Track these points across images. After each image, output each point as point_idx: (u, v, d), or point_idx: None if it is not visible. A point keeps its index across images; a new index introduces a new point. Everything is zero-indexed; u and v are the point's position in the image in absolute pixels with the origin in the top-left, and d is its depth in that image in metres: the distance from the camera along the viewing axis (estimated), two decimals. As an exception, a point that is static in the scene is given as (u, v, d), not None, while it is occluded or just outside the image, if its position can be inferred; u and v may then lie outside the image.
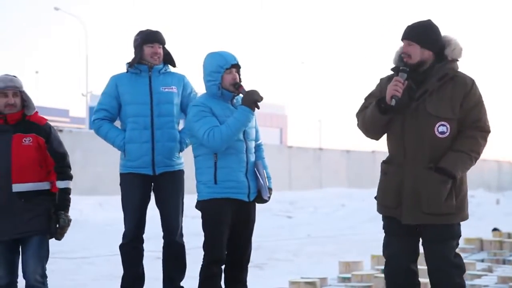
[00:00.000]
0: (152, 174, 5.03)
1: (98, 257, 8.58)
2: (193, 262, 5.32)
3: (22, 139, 4.39)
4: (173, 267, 5.10)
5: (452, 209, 4.00)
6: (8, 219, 4.33)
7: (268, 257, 8.76)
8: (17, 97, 4.40)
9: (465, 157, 3.99)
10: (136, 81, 5.08)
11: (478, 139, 4.02)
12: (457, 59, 4.08)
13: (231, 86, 4.58)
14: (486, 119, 4.07)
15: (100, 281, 7.04)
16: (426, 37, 4.03)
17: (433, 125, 3.98)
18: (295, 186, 23.98)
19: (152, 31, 5.12)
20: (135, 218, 5.07)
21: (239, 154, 4.58)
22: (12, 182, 4.33)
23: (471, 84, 4.03)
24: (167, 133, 5.04)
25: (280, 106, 48.75)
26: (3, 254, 4.38)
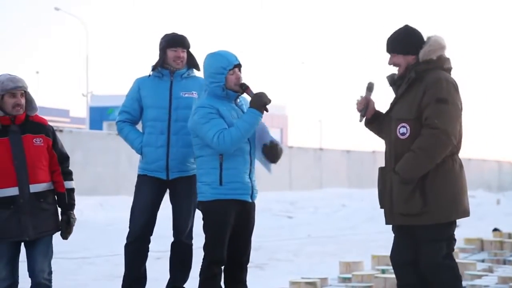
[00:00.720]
0: (166, 178, 5.05)
1: (98, 257, 8.58)
2: (193, 263, 5.32)
3: (33, 140, 4.39)
4: (177, 267, 5.13)
5: (417, 209, 4.01)
6: (29, 219, 4.34)
7: (268, 257, 8.76)
8: (23, 97, 4.39)
9: (411, 156, 4.02)
10: (158, 85, 5.09)
11: (426, 136, 3.99)
12: (429, 59, 4.08)
13: (236, 86, 4.57)
14: (436, 116, 3.99)
15: (101, 281, 7.04)
16: (404, 44, 4.13)
17: (396, 128, 4.11)
18: (296, 186, 23.98)
19: (177, 35, 5.12)
20: (141, 219, 5.09)
21: (245, 155, 4.58)
22: (30, 182, 4.34)
23: (431, 83, 4.02)
24: (182, 139, 5.03)
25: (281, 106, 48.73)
26: (7, 255, 4.38)
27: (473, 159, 37.65)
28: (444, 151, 4.01)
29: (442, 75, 4.07)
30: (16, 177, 4.32)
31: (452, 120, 4.02)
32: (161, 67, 5.09)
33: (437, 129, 3.97)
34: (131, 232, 5.10)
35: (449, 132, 3.99)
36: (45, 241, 4.42)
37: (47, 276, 4.42)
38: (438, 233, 4.07)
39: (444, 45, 4.13)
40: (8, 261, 4.39)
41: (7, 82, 4.32)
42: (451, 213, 4.07)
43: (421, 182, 4.03)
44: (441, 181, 4.04)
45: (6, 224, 4.33)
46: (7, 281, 4.39)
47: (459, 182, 4.10)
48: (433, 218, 4.03)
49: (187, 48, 5.13)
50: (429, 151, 3.98)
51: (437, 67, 4.10)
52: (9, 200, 4.33)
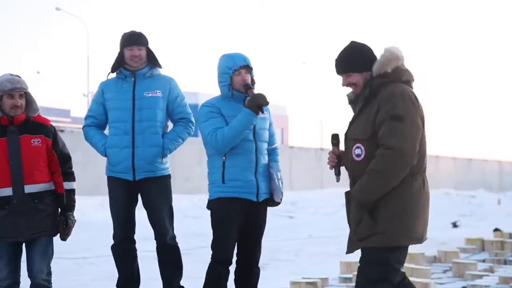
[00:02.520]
0: (133, 179, 5.02)
1: (99, 257, 8.58)
2: (194, 262, 5.33)
3: (30, 140, 4.38)
4: (168, 269, 5.11)
5: (365, 231, 3.70)
6: (23, 220, 4.34)
7: (269, 258, 8.75)
8: (22, 98, 4.38)
9: (365, 179, 3.68)
10: (121, 87, 5.06)
11: (380, 157, 3.63)
12: (383, 72, 3.72)
13: (241, 87, 4.59)
14: (390, 135, 3.61)
15: (102, 281, 7.04)
16: (358, 60, 3.80)
17: (351, 149, 3.79)
18: (297, 186, 23.97)
19: (131, 33, 5.05)
20: (121, 220, 5.09)
21: (248, 154, 4.58)
22: (24, 183, 4.33)
23: (385, 99, 3.66)
24: (148, 139, 4.99)
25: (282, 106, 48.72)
26: (7, 254, 4.39)
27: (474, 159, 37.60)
28: (400, 172, 3.61)
29: (397, 89, 3.68)
30: (10, 177, 4.31)
31: (408, 138, 3.61)
32: (123, 68, 5.06)
33: (391, 149, 3.59)
34: (114, 234, 5.13)
35: (405, 151, 3.59)
36: (44, 241, 4.41)
37: (45, 276, 4.42)
38: (375, 255, 3.69)
39: (399, 55, 3.75)
40: (8, 261, 4.39)
41: (5, 83, 4.32)
42: (399, 237, 3.66)
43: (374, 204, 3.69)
44: (394, 203, 3.66)
45: (2, 224, 4.33)
46: (7, 280, 4.39)
47: (415, 204, 3.69)
48: (379, 241, 3.66)
49: (144, 45, 5.05)
50: (383, 173, 3.60)
51: (393, 80, 3.72)
52: (4, 200, 4.33)
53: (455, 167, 35.19)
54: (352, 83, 3.83)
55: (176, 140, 5.08)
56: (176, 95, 5.11)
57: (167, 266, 5.09)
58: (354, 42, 3.88)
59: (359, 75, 3.79)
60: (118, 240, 5.10)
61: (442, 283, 6.24)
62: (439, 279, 6.49)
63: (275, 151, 4.81)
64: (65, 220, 4.48)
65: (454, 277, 6.59)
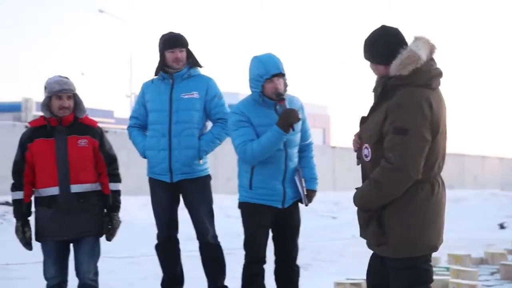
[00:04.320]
0: (170, 181, 5.03)
1: (143, 256, 8.66)
2: (236, 262, 5.32)
3: (77, 141, 4.45)
4: (211, 268, 5.15)
5: (375, 239, 3.57)
6: (68, 219, 4.41)
7: (312, 258, 8.73)
8: (70, 99, 4.45)
9: (366, 186, 3.54)
10: (160, 88, 5.11)
11: (381, 169, 3.47)
12: (399, 74, 3.47)
13: (273, 94, 4.55)
14: (392, 149, 3.42)
15: (146, 280, 7.10)
16: (384, 54, 3.53)
17: (362, 148, 3.64)
18: (339, 186, 23.83)
19: (172, 36, 5.07)
20: (163, 220, 5.13)
21: (278, 163, 4.57)
22: (70, 182, 4.39)
23: (392, 108, 3.44)
24: (184, 141, 5.02)
25: (323, 106, 48.54)
26: (55, 254, 4.46)
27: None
28: (399, 187, 3.45)
29: (406, 97, 3.43)
30: (57, 177, 4.38)
31: (410, 153, 3.41)
32: (162, 70, 5.07)
33: (391, 164, 3.42)
34: (158, 233, 5.17)
35: (405, 167, 3.40)
36: (91, 241, 4.47)
37: (92, 276, 4.48)
38: (401, 264, 3.56)
39: (420, 56, 3.45)
40: (56, 260, 4.46)
41: (54, 84, 4.40)
42: (411, 248, 3.52)
43: (380, 212, 3.54)
44: (401, 212, 3.49)
45: (49, 223, 4.42)
46: (56, 279, 4.46)
47: (424, 213, 3.51)
48: (391, 252, 3.55)
49: (185, 47, 5.08)
50: (382, 187, 3.46)
51: (409, 83, 3.46)
52: (50, 199, 4.41)
53: (501, 167, 34.58)
54: (378, 73, 3.61)
55: (212, 141, 5.09)
56: (214, 95, 5.11)
57: (210, 265, 5.12)
58: (385, 27, 3.59)
59: (384, 68, 3.55)
60: (162, 240, 5.15)
61: (490, 286, 6.15)
62: (486, 281, 6.39)
63: (309, 147, 4.77)
64: (111, 221, 4.53)
65: (502, 280, 6.47)
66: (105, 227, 4.54)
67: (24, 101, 37.06)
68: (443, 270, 6.52)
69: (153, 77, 5.19)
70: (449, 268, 6.48)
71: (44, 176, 4.41)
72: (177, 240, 5.21)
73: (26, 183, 4.45)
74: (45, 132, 4.43)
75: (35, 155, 4.42)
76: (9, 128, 14.62)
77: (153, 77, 5.19)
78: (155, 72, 5.15)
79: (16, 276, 7.35)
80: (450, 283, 5.85)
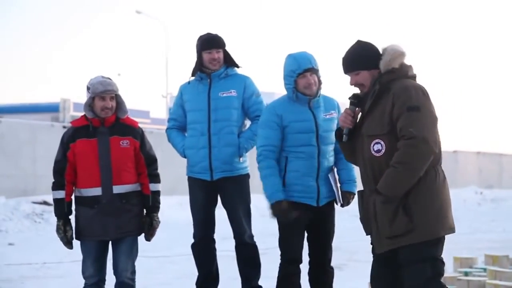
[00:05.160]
0: (210, 179, 5.07)
1: (179, 256, 8.72)
2: (271, 262, 5.34)
3: (119, 142, 4.48)
4: (246, 267, 5.16)
5: (402, 228, 3.65)
6: (110, 219, 4.44)
7: (347, 258, 8.70)
8: (113, 100, 4.49)
9: (392, 172, 3.64)
10: (198, 89, 5.15)
11: (402, 148, 3.63)
12: (391, 68, 3.77)
13: (306, 89, 4.57)
14: (411, 125, 3.62)
15: (182, 279, 7.15)
16: (367, 58, 3.82)
17: (369, 145, 3.77)
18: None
19: (210, 36, 5.11)
20: (200, 219, 5.15)
21: (310, 159, 4.57)
22: (113, 183, 4.43)
23: (398, 93, 3.69)
24: (224, 139, 5.04)
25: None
26: (94, 253, 4.51)
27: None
28: (426, 160, 3.64)
29: (408, 83, 3.74)
30: (100, 178, 4.42)
31: (428, 127, 3.65)
32: (199, 70, 5.11)
33: (413, 138, 3.61)
34: (194, 232, 5.21)
35: (428, 138, 3.62)
36: (129, 241, 4.51)
37: (130, 275, 4.52)
38: (421, 252, 3.67)
39: (403, 52, 3.80)
40: (95, 259, 4.50)
41: (97, 85, 4.43)
42: (438, 229, 3.68)
43: (404, 198, 3.67)
44: (424, 195, 3.67)
45: (91, 223, 4.45)
46: (94, 278, 4.51)
47: (443, 195, 3.72)
48: (420, 236, 3.65)
49: (222, 47, 5.11)
50: (410, 163, 3.61)
51: (401, 76, 3.78)
52: (93, 199, 4.44)
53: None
54: (360, 83, 3.84)
55: (252, 138, 5.11)
56: (251, 93, 5.14)
57: (245, 265, 5.14)
58: (361, 41, 3.89)
59: (368, 73, 3.82)
60: (198, 239, 5.18)
61: (527, 287, 6.04)
62: (524, 282, 6.28)
63: None
64: (150, 221, 4.57)
65: (540, 281, 6.36)
66: (145, 228, 4.57)
67: (62, 101, 37.54)
68: (480, 271, 6.44)
69: (190, 79, 5.23)
70: (486, 269, 6.41)
71: (86, 176, 4.44)
72: (213, 240, 5.24)
73: (68, 182, 4.49)
74: (87, 133, 4.46)
75: (77, 155, 4.45)
76: (47, 129, 14.85)
77: (190, 78, 5.23)
78: (192, 73, 5.19)
79: (53, 275, 7.46)
80: (487, 284, 5.78)
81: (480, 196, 22.62)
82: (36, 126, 14.71)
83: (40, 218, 12.10)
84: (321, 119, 4.62)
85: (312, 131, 4.58)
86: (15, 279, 7.14)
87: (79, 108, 38.47)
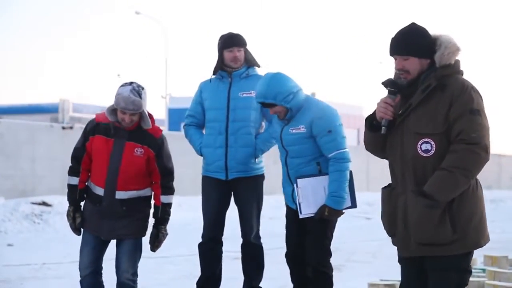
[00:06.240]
0: (225, 179, 5.08)
1: (178, 256, 8.71)
2: (272, 263, 5.34)
3: (134, 149, 4.42)
4: (249, 266, 5.17)
5: (447, 238, 3.46)
6: (108, 221, 4.45)
7: (346, 259, 8.71)
8: (135, 115, 4.38)
9: (445, 176, 3.42)
10: (218, 87, 5.16)
11: (461, 152, 3.41)
12: (448, 63, 3.52)
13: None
14: (473, 130, 3.42)
15: (180, 280, 7.15)
16: (422, 46, 3.53)
17: (416, 143, 3.50)
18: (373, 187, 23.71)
19: (231, 35, 5.15)
20: (210, 220, 5.15)
21: (283, 167, 4.74)
22: (117, 189, 4.42)
23: (459, 93, 3.46)
24: (241, 139, 5.06)
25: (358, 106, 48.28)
26: (92, 242, 4.51)
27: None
28: (482, 167, 3.46)
29: (466, 82, 3.52)
30: (105, 180, 4.42)
31: (488, 134, 3.47)
32: (220, 69, 5.12)
33: (475, 145, 3.41)
34: (203, 232, 5.21)
35: (488, 147, 3.45)
36: (132, 242, 4.50)
37: (130, 276, 4.51)
38: (454, 263, 3.53)
39: (459, 47, 3.55)
40: (92, 249, 4.50)
41: (120, 99, 4.34)
42: (479, 239, 3.54)
43: (449, 206, 3.47)
44: (470, 205, 3.49)
45: (90, 217, 4.49)
46: (88, 269, 4.50)
47: (483, 205, 3.57)
48: (461, 248, 3.50)
49: (243, 46, 5.12)
50: (468, 169, 3.41)
51: (455, 72, 3.54)
52: (96, 197, 4.47)
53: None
54: (406, 69, 3.55)
55: (269, 141, 5.13)
56: None
57: (249, 264, 5.17)
58: (416, 24, 3.59)
59: (418, 60, 3.54)
60: (205, 240, 5.18)
61: (526, 287, 6.04)
62: (523, 283, 6.28)
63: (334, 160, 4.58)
64: (157, 233, 4.56)
65: (539, 281, 6.37)
66: (150, 239, 4.56)
67: (61, 102, 37.55)
68: (479, 272, 6.45)
69: (211, 77, 5.24)
70: (485, 270, 6.41)
71: (96, 173, 4.46)
72: (221, 242, 5.24)
73: (83, 169, 4.50)
74: (107, 131, 4.43)
75: (93, 150, 4.46)
76: (46, 129, 14.84)
77: (211, 76, 5.24)
78: (213, 71, 5.20)
79: (52, 276, 7.46)
80: (486, 284, 5.79)
81: (479, 197, 22.59)
82: (35, 127, 14.71)
83: (39, 219, 12.09)
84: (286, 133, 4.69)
85: (280, 145, 4.75)
86: (14, 280, 7.14)
87: (78, 109, 38.50)
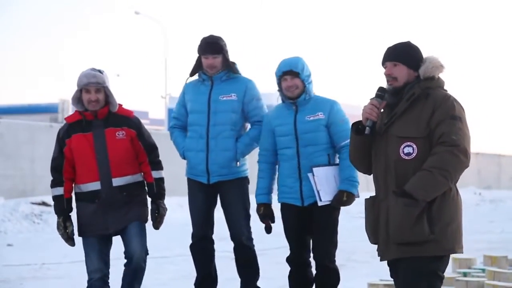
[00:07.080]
0: (207, 183, 5.07)
1: (178, 256, 8.74)
2: (269, 263, 5.34)
3: (115, 133, 4.42)
4: (244, 269, 5.17)
5: (423, 236, 3.51)
6: (111, 213, 4.41)
7: (345, 258, 8.70)
8: (100, 93, 4.37)
9: (425, 175, 3.53)
10: (199, 90, 5.13)
11: (442, 154, 3.54)
12: (431, 76, 3.72)
13: (287, 92, 4.71)
14: (453, 133, 3.56)
15: (180, 280, 7.16)
16: (412, 57, 3.76)
17: (398, 147, 3.64)
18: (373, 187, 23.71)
19: (207, 41, 5.04)
20: (199, 219, 5.16)
21: (290, 160, 4.70)
22: (112, 176, 4.40)
23: (440, 101, 3.64)
24: (221, 143, 5.03)
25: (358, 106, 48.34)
26: (98, 247, 4.47)
27: None
28: (461, 171, 3.57)
29: (448, 94, 3.71)
30: (98, 172, 4.39)
31: (468, 141, 3.61)
32: (202, 72, 5.10)
33: (456, 146, 3.54)
34: (193, 232, 5.21)
35: (468, 151, 3.58)
36: (137, 225, 4.45)
37: (144, 256, 4.48)
38: (425, 266, 3.56)
39: (443, 64, 3.76)
40: (99, 254, 4.47)
41: (82, 77, 4.34)
42: (454, 245, 3.60)
43: (428, 206, 3.55)
44: (449, 209, 3.58)
45: (91, 218, 4.42)
46: (98, 273, 4.47)
47: (460, 214, 3.65)
48: (436, 250, 3.55)
49: (220, 53, 5.03)
50: (447, 170, 3.52)
51: (439, 85, 3.74)
52: (93, 194, 4.42)
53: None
54: (394, 76, 3.74)
55: (249, 144, 5.10)
56: (251, 97, 5.10)
57: (243, 266, 5.15)
58: (410, 42, 3.85)
59: (406, 69, 3.74)
60: (196, 240, 5.18)
61: (526, 287, 6.04)
62: (522, 283, 6.28)
63: (344, 149, 4.70)
64: (157, 208, 4.54)
65: (538, 281, 6.36)
66: (152, 215, 4.52)
67: (61, 102, 37.50)
68: (478, 272, 6.45)
69: (188, 79, 5.22)
70: (484, 270, 6.41)
71: (84, 171, 4.41)
72: (212, 240, 5.24)
73: (66, 179, 4.46)
74: (82, 127, 4.40)
75: (74, 151, 4.41)
76: (46, 129, 14.85)
77: (189, 78, 5.21)
78: (190, 73, 5.17)
79: (52, 276, 7.46)
80: (485, 284, 5.79)
81: (479, 197, 22.64)
82: (35, 127, 14.72)
83: (39, 219, 12.10)
84: (301, 121, 4.67)
85: (291, 134, 4.69)
86: (14, 280, 7.14)
87: (78, 109, 38.47)
